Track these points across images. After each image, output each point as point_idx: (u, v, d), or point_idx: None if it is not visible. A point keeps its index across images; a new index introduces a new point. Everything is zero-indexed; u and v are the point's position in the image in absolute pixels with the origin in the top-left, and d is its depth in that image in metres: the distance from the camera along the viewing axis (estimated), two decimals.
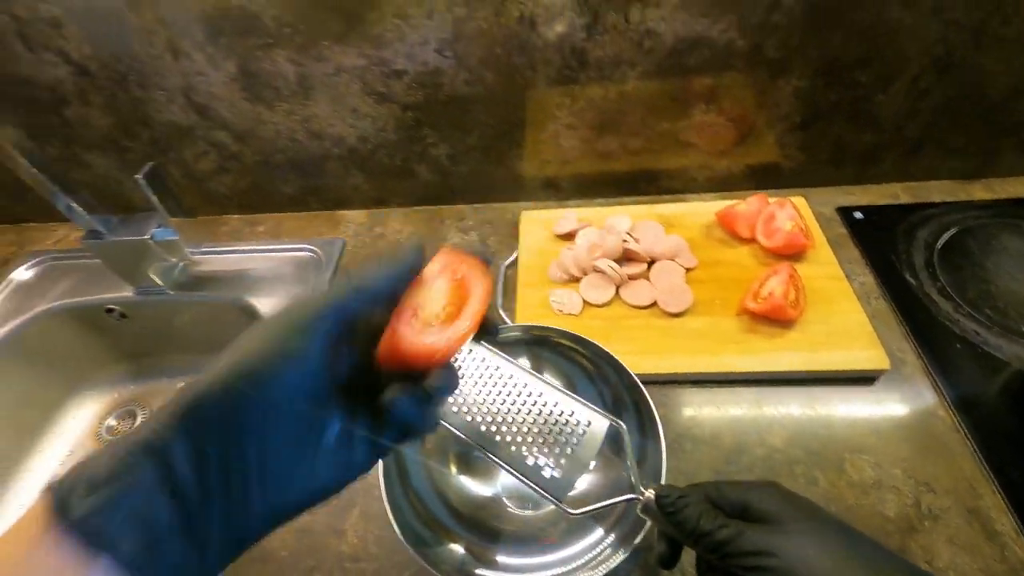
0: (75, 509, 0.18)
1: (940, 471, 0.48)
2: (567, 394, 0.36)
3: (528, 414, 0.36)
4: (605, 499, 0.35)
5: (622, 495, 0.34)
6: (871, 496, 0.47)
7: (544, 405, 0.36)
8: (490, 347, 0.40)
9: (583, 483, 0.47)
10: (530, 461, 0.34)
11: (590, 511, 0.35)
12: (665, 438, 0.42)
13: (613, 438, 0.35)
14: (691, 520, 0.30)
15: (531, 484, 0.33)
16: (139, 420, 0.77)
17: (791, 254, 0.64)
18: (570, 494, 0.43)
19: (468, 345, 0.37)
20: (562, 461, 0.34)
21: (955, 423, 0.50)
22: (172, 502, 0.20)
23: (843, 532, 0.28)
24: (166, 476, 0.20)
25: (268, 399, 0.22)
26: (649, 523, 0.35)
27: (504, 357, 0.36)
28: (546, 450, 0.34)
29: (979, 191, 0.71)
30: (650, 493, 0.33)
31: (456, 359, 0.34)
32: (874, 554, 0.27)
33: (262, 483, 0.22)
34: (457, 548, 0.43)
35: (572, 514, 0.34)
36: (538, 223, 0.73)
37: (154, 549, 0.19)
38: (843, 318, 0.57)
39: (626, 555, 0.38)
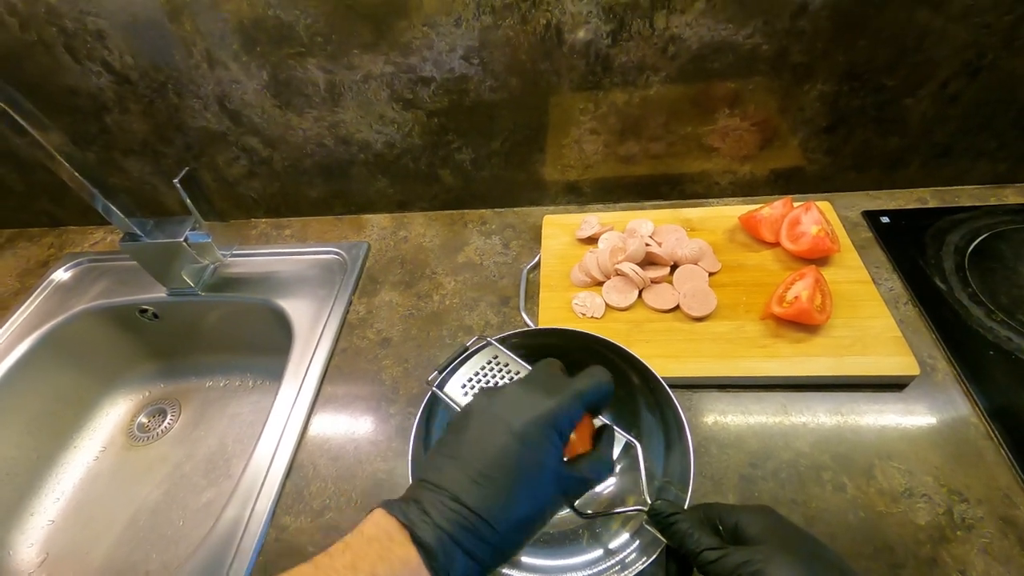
0: (422, 534, 0.28)
1: (973, 480, 0.47)
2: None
3: None
4: (629, 505, 0.37)
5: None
6: (901, 504, 0.46)
7: None
8: (519, 359, 0.42)
9: (609, 489, 0.47)
10: None
11: (600, 515, 0.37)
12: (693, 442, 0.42)
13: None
14: (678, 536, 0.32)
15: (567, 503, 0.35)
16: (168, 419, 0.79)
17: (817, 258, 0.63)
18: (597, 498, 0.45)
19: (503, 357, 0.44)
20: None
21: (988, 431, 0.49)
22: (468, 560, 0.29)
23: (827, 564, 0.29)
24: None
25: (534, 496, 0.31)
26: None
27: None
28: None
29: (1011, 195, 0.70)
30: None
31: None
32: None
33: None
34: None
35: (582, 515, 0.36)
36: (560, 227, 0.73)
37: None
38: (871, 323, 0.56)
39: (649, 561, 0.38)
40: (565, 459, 0.33)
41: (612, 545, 0.43)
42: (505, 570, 0.42)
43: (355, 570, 0.27)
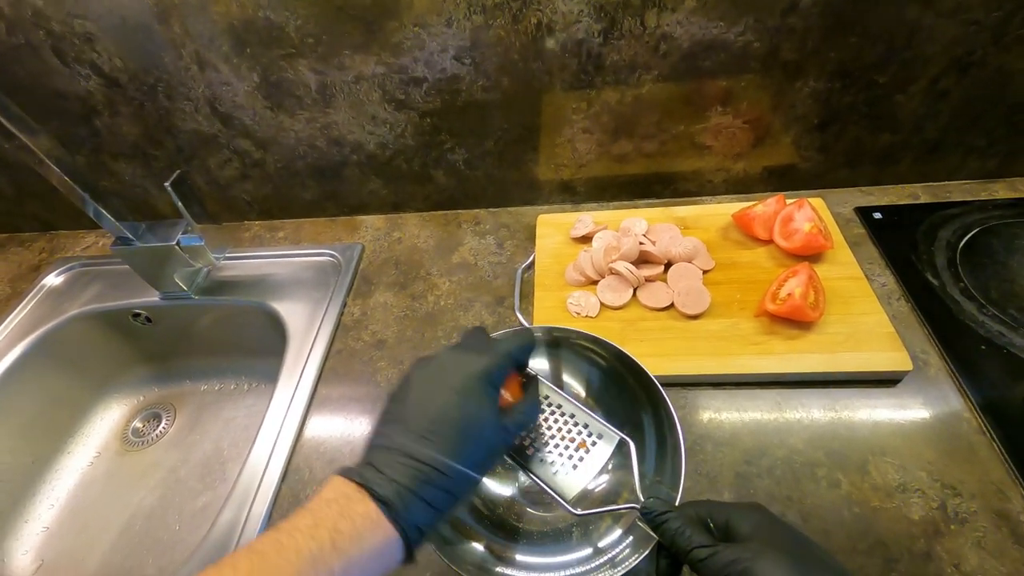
0: (379, 489, 0.30)
1: (966, 474, 0.47)
2: (583, 409, 0.41)
3: (546, 423, 0.41)
4: (622, 503, 0.38)
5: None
6: (895, 499, 0.46)
7: (562, 416, 0.41)
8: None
9: (601, 487, 0.47)
10: (544, 464, 0.39)
11: (593, 513, 0.39)
12: (685, 440, 0.42)
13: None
14: (669, 534, 0.33)
15: (541, 483, 0.38)
16: (163, 423, 0.79)
17: (810, 255, 0.63)
18: (590, 496, 0.45)
19: None
20: (572, 467, 0.39)
21: (981, 426, 0.50)
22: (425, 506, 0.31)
23: (816, 560, 0.29)
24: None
25: (480, 439, 0.33)
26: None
27: (533, 372, 0.41)
28: (559, 456, 0.39)
29: (1002, 190, 0.71)
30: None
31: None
32: None
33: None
34: (477, 547, 0.44)
35: (576, 514, 0.37)
36: (554, 226, 0.73)
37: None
38: (864, 319, 0.57)
39: (640, 558, 0.38)
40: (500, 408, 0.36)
41: (602, 543, 0.43)
42: (498, 568, 0.42)
43: (316, 527, 0.28)
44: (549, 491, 0.38)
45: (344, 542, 0.28)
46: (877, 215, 0.69)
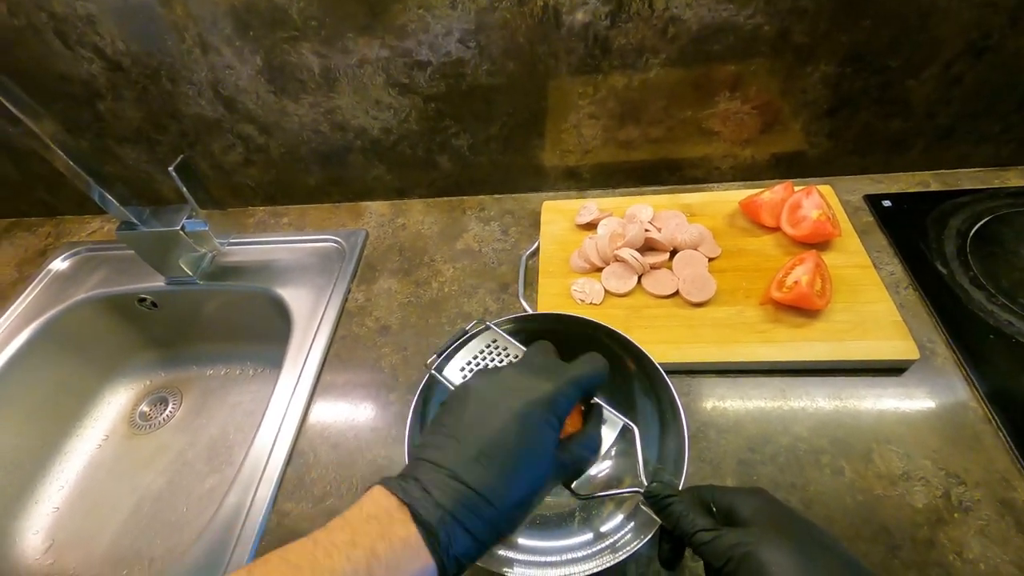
0: (423, 513, 0.28)
1: (971, 463, 0.47)
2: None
3: None
4: (625, 488, 0.38)
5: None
6: (899, 487, 0.46)
7: None
8: (517, 343, 0.42)
9: (604, 472, 0.47)
10: None
11: (595, 496, 0.39)
12: (689, 427, 0.42)
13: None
14: (673, 517, 0.33)
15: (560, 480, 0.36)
16: (170, 407, 0.80)
17: (817, 243, 0.63)
18: (593, 480, 0.45)
19: (501, 341, 0.45)
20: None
21: (987, 415, 0.49)
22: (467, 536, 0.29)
23: (818, 544, 0.29)
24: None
25: (533, 474, 0.31)
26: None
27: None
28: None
29: (1014, 178, 0.69)
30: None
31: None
32: (844, 571, 0.28)
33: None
34: None
35: (580, 497, 0.37)
36: (559, 213, 0.73)
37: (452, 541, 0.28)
38: (871, 307, 0.56)
39: (643, 543, 0.38)
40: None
41: (604, 528, 0.43)
42: (500, 551, 0.42)
43: (354, 546, 0.27)
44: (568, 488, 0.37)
45: (380, 568, 0.26)
46: (886, 203, 0.68)
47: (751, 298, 0.59)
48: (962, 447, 0.48)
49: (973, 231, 0.63)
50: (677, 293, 0.61)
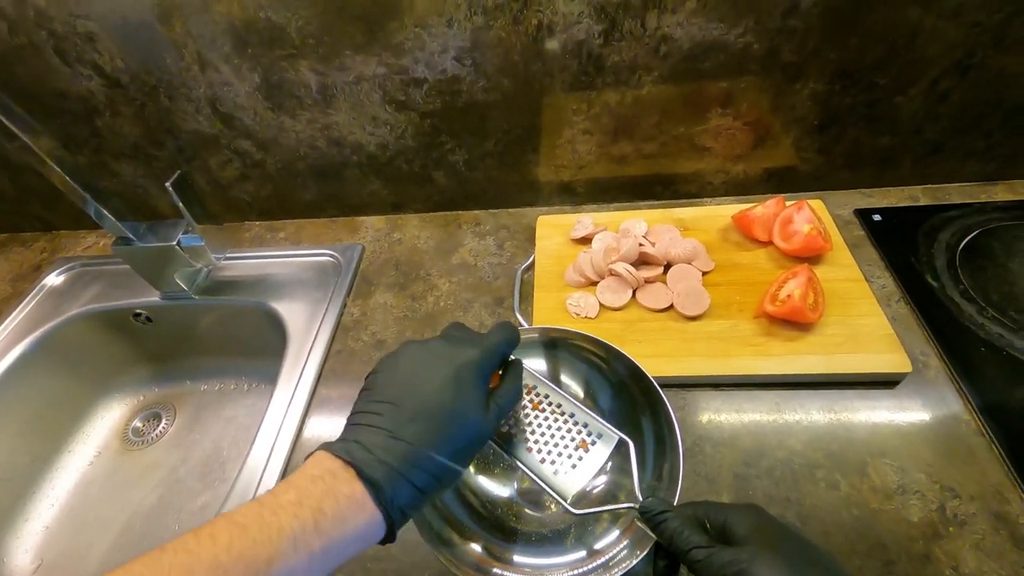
0: (367, 470, 0.29)
1: (965, 476, 0.47)
2: (583, 409, 0.40)
3: (546, 422, 0.41)
4: (621, 503, 0.38)
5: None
6: (894, 501, 0.46)
7: (562, 415, 0.41)
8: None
9: (599, 487, 0.47)
10: (544, 464, 0.39)
11: (591, 512, 0.39)
12: (684, 441, 0.42)
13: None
14: (668, 533, 0.33)
15: (541, 483, 0.38)
16: (163, 423, 0.79)
17: (809, 257, 0.63)
18: (588, 497, 0.45)
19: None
20: (572, 466, 0.38)
21: (980, 428, 0.50)
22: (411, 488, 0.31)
23: (813, 563, 0.29)
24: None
25: (468, 426, 0.33)
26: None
27: (531, 372, 0.42)
28: (559, 456, 0.39)
29: (1001, 192, 0.71)
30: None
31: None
32: None
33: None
34: (475, 547, 0.44)
35: (574, 513, 0.37)
36: (554, 227, 0.73)
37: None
38: (863, 321, 0.57)
39: (640, 558, 0.38)
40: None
41: (599, 545, 0.43)
42: (496, 569, 0.42)
43: (300, 505, 0.28)
44: (548, 490, 0.38)
45: (327, 523, 0.28)
46: (877, 217, 0.69)
47: (744, 312, 0.60)
48: (956, 460, 0.48)
49: (962, 245, 0.64)
50: (671, 307, 0.61)
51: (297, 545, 0.27)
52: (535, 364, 0.51)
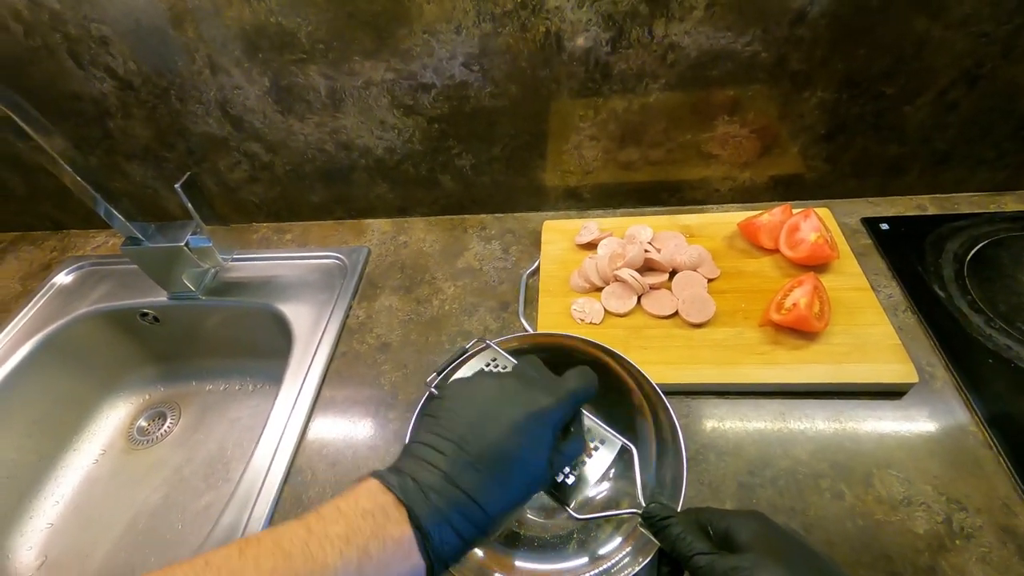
0: (420, 515, 0.29)
1: (972, 489, 0.47)
2: (586, 415, 0.40)
3: None
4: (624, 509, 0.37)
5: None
6: (900, 512, 0.46)
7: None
8: (516, 361, 0.43)
9: (602, 494, 0.47)
10: None
11: (593, 518, 0.39)
12: (687, 449, 0.42)
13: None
14: (670, 540, 0.33)
15: (544, 488, 0.37)
16: (168, 422, 0.79)
17: (815, 265, 0.63)
18: (591, 503, 0.45)
19: (501, 360, 0.45)
20: (575, 472, 0.38)
21: (988, 440, 0.49)
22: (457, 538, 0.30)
23: (816, 571, 0.29)
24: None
25: (528, 481, 0.33)
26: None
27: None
28: None
29: (1011, 202, 0.70)
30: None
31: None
32: None
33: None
34: (477, 552, 0.44)
35: (577, 518, 0.37)
36: (560, 233, 0.73)
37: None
38: (869, 330, 0.56)
39: (643, 565, 0.38)
40: None
41: (602, 551, 0.43)
42: (497, 574, 0.42)
43: (348, 543, 0.27)
44: (552, 495, 0.38)
45: (370, 567, 0.27)
46: (884, 226, 0.69)
47: (750, 319, 0.60)
48: (963, 472, 0.48)
49: (970, 255, 0.63)
50: (676, 314, 0.61)
51: None
52: None
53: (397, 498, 0.29)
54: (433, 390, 0.43)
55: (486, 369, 0.44)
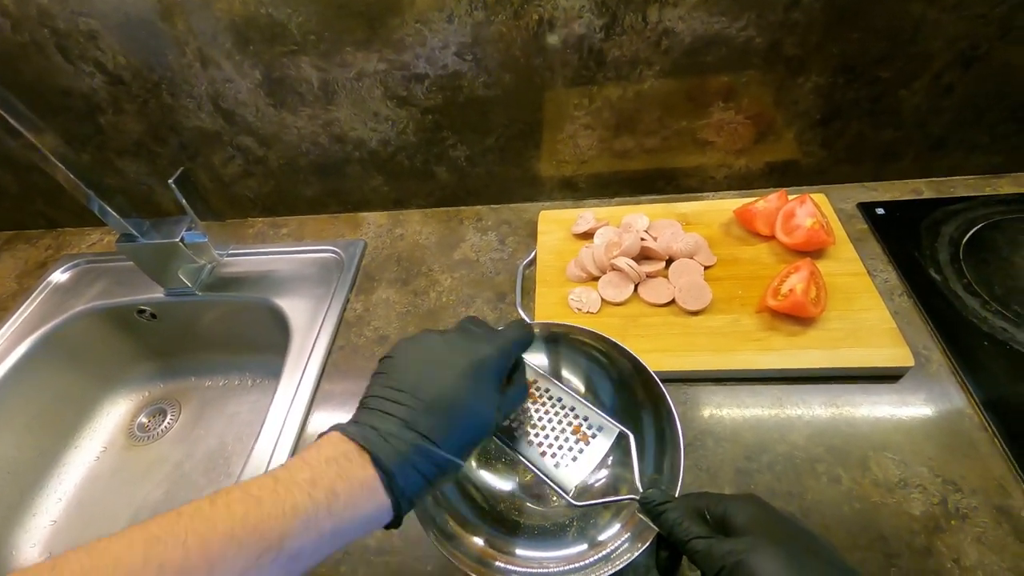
0: (383, 457, 0.30)
1: (967, 470, 0.47)
2: (583, 403, 0.41)
3: (547, 416, 0.41)
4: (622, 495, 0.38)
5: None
6: (896, 494, 0.46)
7: (562, 409, 0.41)
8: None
9: (601, 481, 0.47)
10: (545, 457, 0.39)
11: (592, 504, 0.40)
12: (685, 435, 0.42)
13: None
14: (667, 525, 0.33)
15: (543, 476, 0.39)
16: (168, 418, 0.80)
17: (812, 251, 0.63)
18: (589, 490, 0.45)
19: None
20: (573, 459, 0.39)
21: (983, 422, 0.50)
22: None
23: (811, 552, 0.29)
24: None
25: (479, 423, 0.34)
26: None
27: (532, 366, 0.42)
28: (559, 449, 0.40)
29: (1006, 185, 0.70)
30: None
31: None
32: None
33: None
34: (477, 541, 0.44)
35: (575, 505, 0.38)
36: (556, 222, 0.73)
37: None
38: (866, 315, 0.57)
39: (642, 550, 0.39)
40: None
41: (601, 538, 0.43)
42: (498, 563, 0.42)
43: (314, 485, 0.28)
44: (550, 483, 0.38)
45: (338, 506, 0.28)
46: (880, 211, 0.69)
47: (747, 306, 0.60)
48: (958, 454, 0.48)
49: (966, 238, 0.63)
50: (673, 302, 0.61)
51: (309, 525, 0.27)
52: (536, 359, 0.51)
53: (360, 445, 0.30)
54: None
55: None
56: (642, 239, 0.65)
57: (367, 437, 0.30)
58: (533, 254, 0.71)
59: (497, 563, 0.42)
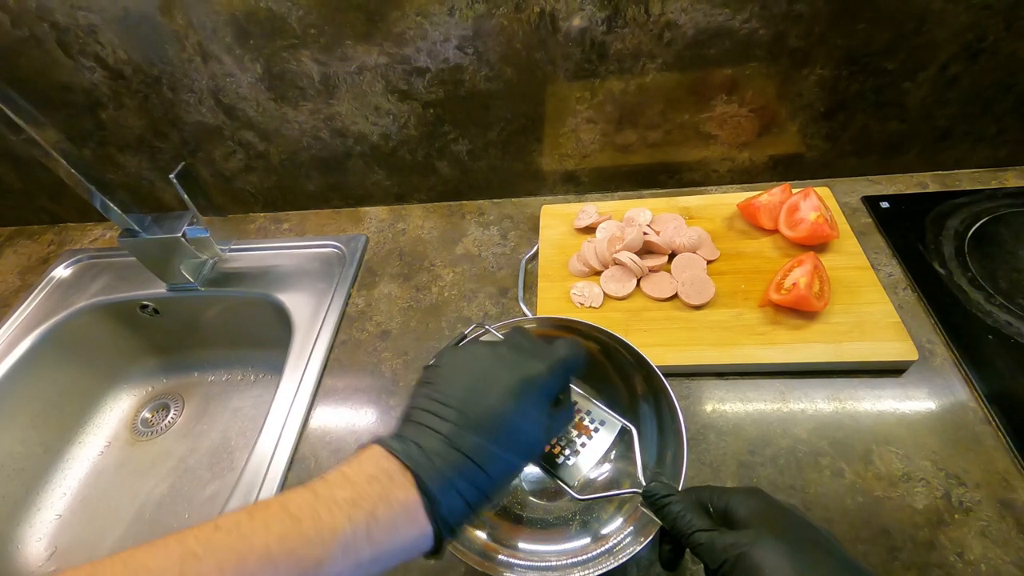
0: (426, 479, 0.28)
1: (971, 464, 0.47)
2: (586, 397, 0.41)
3: None
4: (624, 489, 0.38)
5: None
6: (899, 488, 0.46)
7: None
8: None
9: (604, 475, 0.47)
10: (548, 451, 0.39)
11: (594, 498, 0.40)
12: (688, 429, 0.42)
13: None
14: (670, 518, 0.33)
15: (546, 469, 0.39)
16: (171, 413, 0.80)
17: (815, 244, 0.63)
18: (592, 484, 0.46)
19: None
20: (576, 453, 0.39)
21: (987, 416, 0.49)
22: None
23: (814, 544, 0.29)
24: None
25: (526, 446, 0.33)
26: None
27: None
28: (563, 443, 0.40)
29: (1012, 178, 0.70)
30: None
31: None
32: (841, 572, 0.28)
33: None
34: (480, 534, 0.44)
35: (578, 499, 0.38)
36: (558, 217, 0.73)
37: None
38: (869, 309, 0.56)
39: (645, 544, 0.39)
40: None
41: (604, 531, 0.43)
42: (501, 556, 0.42)
43: (355, 507, 0.27)
44: (553, 476, 0.38)
45: (378, 531, 0.27)
46: (884, 204, 0.68)
47: (750, 300, 0.60)
48: (962, 448, 0.48)
49: (971, 232, 0.63)
50: (676, 296, 0.61)
51: (347, 551, 0.26)
52: None
53: (402, 463, 0.29)
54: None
55: None
56: (645, 233, 0.64)
57: (410, 455, 0.29)
58: (535, 248, 0.70)
59: (500, 556, 0.42)
